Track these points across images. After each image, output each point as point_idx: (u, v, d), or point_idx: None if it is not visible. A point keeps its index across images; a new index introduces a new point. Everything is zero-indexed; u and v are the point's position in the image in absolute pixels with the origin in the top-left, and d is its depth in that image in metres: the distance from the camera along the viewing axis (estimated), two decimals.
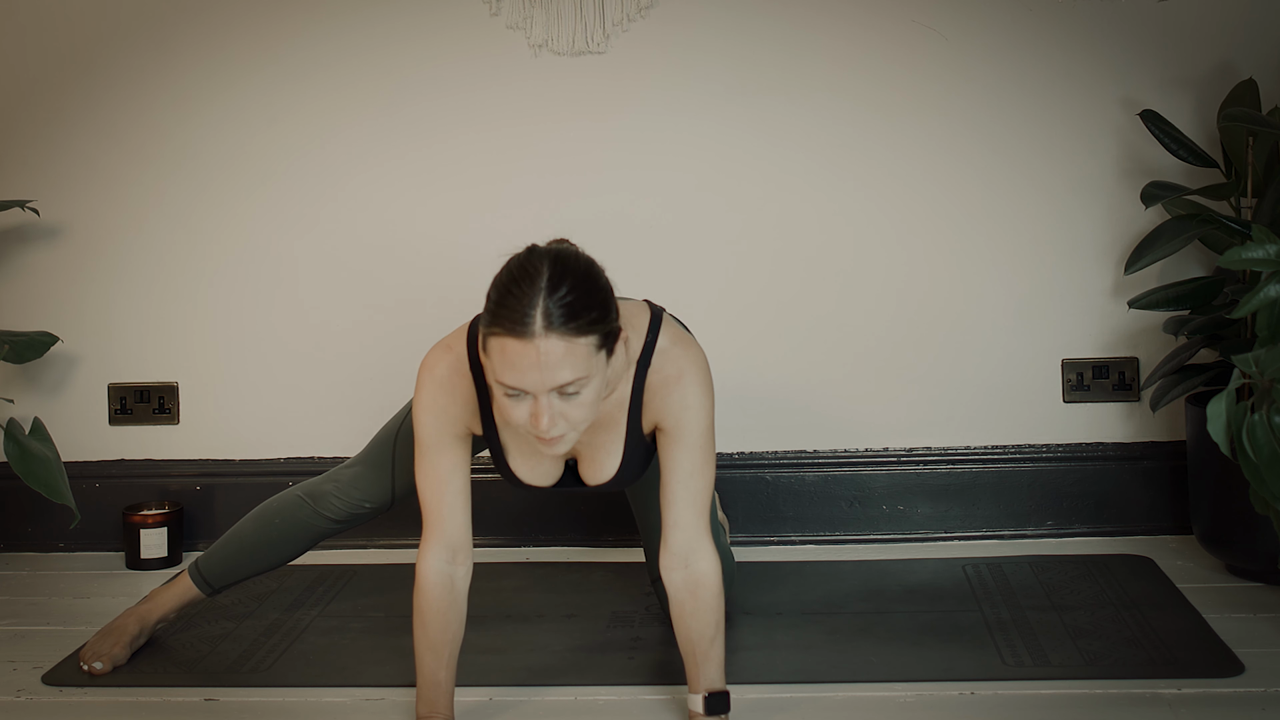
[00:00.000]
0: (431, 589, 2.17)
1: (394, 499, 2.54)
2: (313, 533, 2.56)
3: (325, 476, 2.58)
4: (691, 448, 2.16)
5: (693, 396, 2.16)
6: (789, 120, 3.14)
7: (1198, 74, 3.08)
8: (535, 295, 1.93)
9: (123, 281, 3.26)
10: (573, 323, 1.94)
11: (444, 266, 3.20)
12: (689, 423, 2.16)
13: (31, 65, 3.25)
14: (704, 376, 2.18)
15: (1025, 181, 3.12)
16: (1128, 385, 3.13)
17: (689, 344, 2.20)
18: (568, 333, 1.94)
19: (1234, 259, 2.23)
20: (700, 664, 2.16)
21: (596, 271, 2.02)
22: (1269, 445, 2.09)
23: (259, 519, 2.58)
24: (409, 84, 3.18)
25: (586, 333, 1.96)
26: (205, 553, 2.61)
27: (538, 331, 1.93)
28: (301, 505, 2.55)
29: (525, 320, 1.93)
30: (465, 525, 2.20)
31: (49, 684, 2.45)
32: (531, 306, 1.93)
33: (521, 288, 1.94)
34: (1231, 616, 2.60)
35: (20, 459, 2.77)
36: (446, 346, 2.20)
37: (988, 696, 2.29)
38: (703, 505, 2.17)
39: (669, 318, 2.24)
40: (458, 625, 2.20)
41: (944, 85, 3.12)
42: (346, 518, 2.55)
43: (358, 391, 3.23)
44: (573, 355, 1.95)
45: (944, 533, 3.15)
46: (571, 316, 1.94)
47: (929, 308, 3.15)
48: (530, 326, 1.93)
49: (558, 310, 1.93)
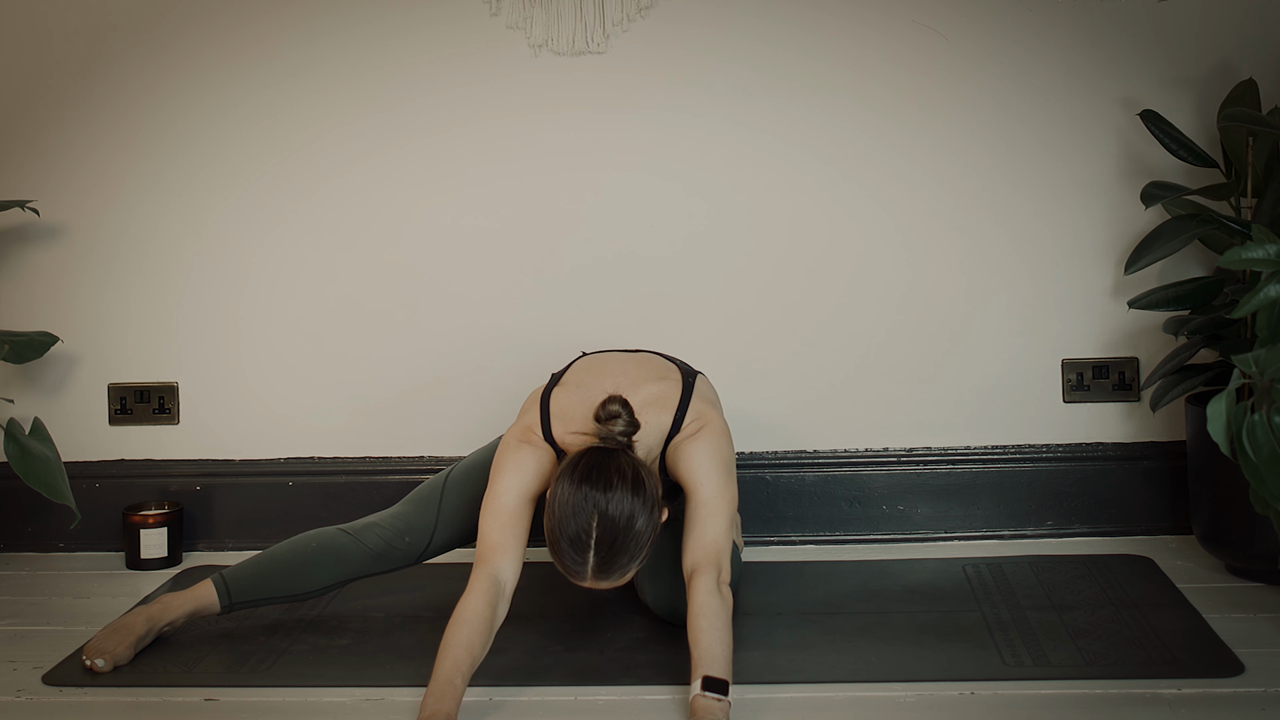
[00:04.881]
0: (473, 606, 2.30)
1: (432, 541, 2.64)
2: (346, 563, 2.61)
3: (370, 515, 2.70)
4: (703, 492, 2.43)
5: (702, 456, 2.45)
6: (790, 120, 3.14)
7: (1198, 74, 3.08)
8: (586, 558, 2.27)
9: (123, 282, 3.26)
10: (619, 575, 2.30)
11: (442, 266, 3.20)
12: (699, 475, 2.44)
13: (31, 66, 3.25)
14: (716, 439, 2.47)
15: (1026, 181, 3.12)
16: (1128, 385, 3.13)
17: (709, 416, 2.50)
18: (614, 578, 2.30)
19: (1234, 259, 2.23)
20: (703, 657, 2.21)
21: (642, 508, 2.29)
22: (1269, 445, 2.09)
23: (296, 541, 2.65)
24: (408, 83, 3.18)
25: (630, 568, 2.31)
26: (234, 565, 2.65)
27: (589, 578, 2.29)
28: (340, 534, 2.64)
29: (579, 574, 2.29)
30: (515, 569, 2.40)
31: (49, 684, 2.45)
32: (583, 564, 2.28)
33: (572, 554, 2.27)
34: (1231, 616, 2.60)
35: (20, 459, 2.77)
36: (527, 429, 2.49)
37: (988, 696, 2.29)
38: (711, 539, 2.38)
39: (699, 391, 2.55)
40: (484, 645, 2.30)
41: (944, 85, 3.12)
42: (383, 549, 2.61)
43: (357, 391, 3.23)
44: (620, 581, 2.32)
45: (944, 533, 3.15)
46: (619, 570, 2.29)
47: (930, 308, 3.15)
48: (582, 578, 2.30)
49: (606, 569, 2.28)
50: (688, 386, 2.54)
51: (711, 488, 2.43)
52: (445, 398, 3.20)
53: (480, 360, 3.19)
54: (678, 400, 2.51)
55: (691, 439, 2.47)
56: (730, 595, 2.34)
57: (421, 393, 3.21)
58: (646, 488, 2.30)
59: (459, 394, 3.20)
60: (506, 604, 2.36)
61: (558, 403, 2.51)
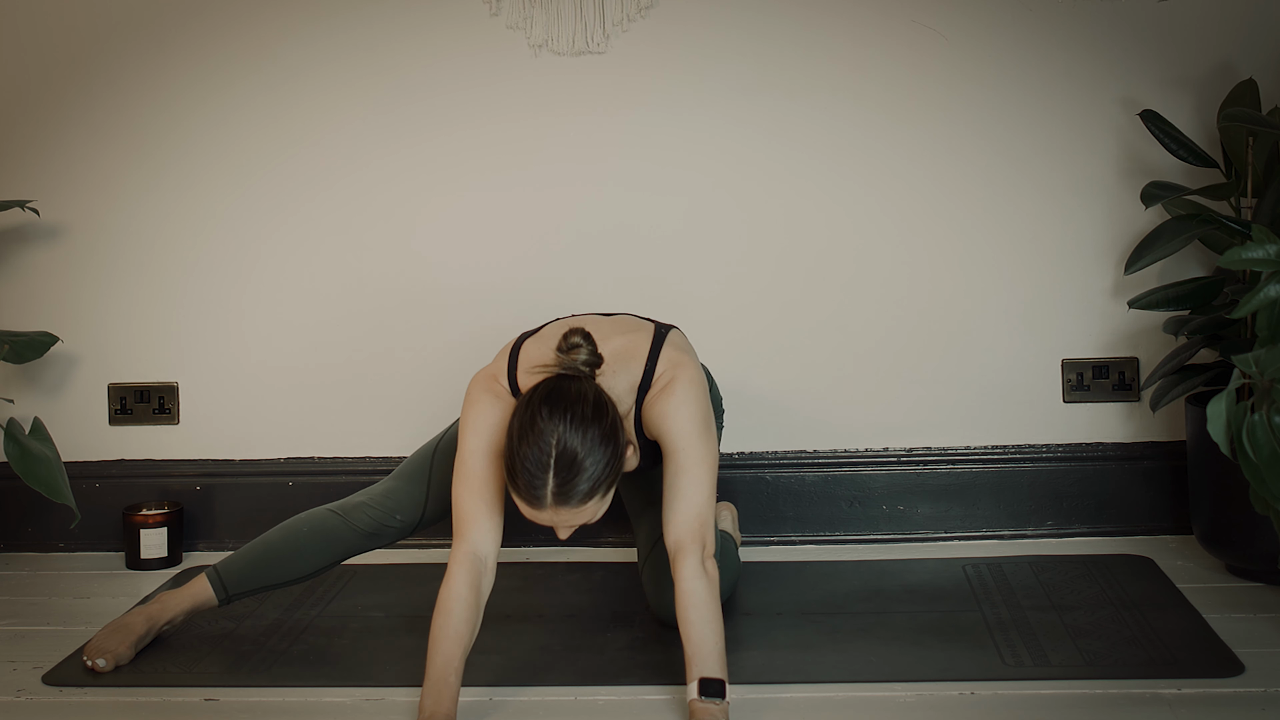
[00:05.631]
0: (455, 592, 2.25)
1: (424, 515, 2.59)
2: (338, 545, 2.58)
3: (359, 493, 2.64)
4: (681, 454, 2.31)
5: (674, 407, 2.32)
6: (790, 120, 3.14)
7: (1198, 74, 3.08)
8: (545, 477, 2.15)
9: (123, 281, 3.26)
10: (580, 500, 2.17)
11: (443, 266, 3.20)
12: (676, 432, 2.32)
13: (31, 66, 3.25)
14: (690, 390, 2.34)
15: (1026, 181, 3.12)
16: (1128, 385, 3.13)
17: (683, 365, 2.36)
18: (576, 503, 2.17)
19: (1234, 259, 2.23)
20: (695, 654, 2.19)
21: (602, 432, 2.17)
22: (1269, 445, 2.09)
23: (287, 527, 2.61)
24: (408, 83, 3.18)
25: (593, 496, 2.18)
26: (227, 558, 2.63)
27: (549, 505, 2.17)
28: (330, 516, 2.60)
29: (537, 498, 2.17)
30: (496, 537, 2.32)
31: (49, 684, 2.45)
32: (541, 486, 2.15)
33: (530, 471, 2.15)
34: (1231, 616, 2.60)
35: (20, 459, 2.78)
36: (491, 377, 2.38)
37: (988, 696, 2.29)
38: (693, 511, 2.28)
39: (671, 340, 2.38)
40: (473, 632, 2.25)
41: (945, 85, 3.12)
42: (375, 529, 2.58)
43: (358, 391, 3.23)
44: (583, 512, 2.19)
45: (944, 533, 3.15)
46: (580, 497, 2.17)
47: (929, 308, 3.15)
48: (542, 503, 2.17)
49: (566, 492, 2.16)
50: (659, 337, 2.41)
51: (690, 450, 2.30)
52: (445, 398, 3.20)
53: (482, 360, 3.19)
54: (647, 350, 2.38)
55: (664, 392, 2.34)
56: (715, 570, 2.26)
57: (422, 393, 3.21)
58: (609, 413, 2.21)
59: (459, 394, 3.20)
60: (491, 575, 2.30)
61: (526, 352, 2.42)
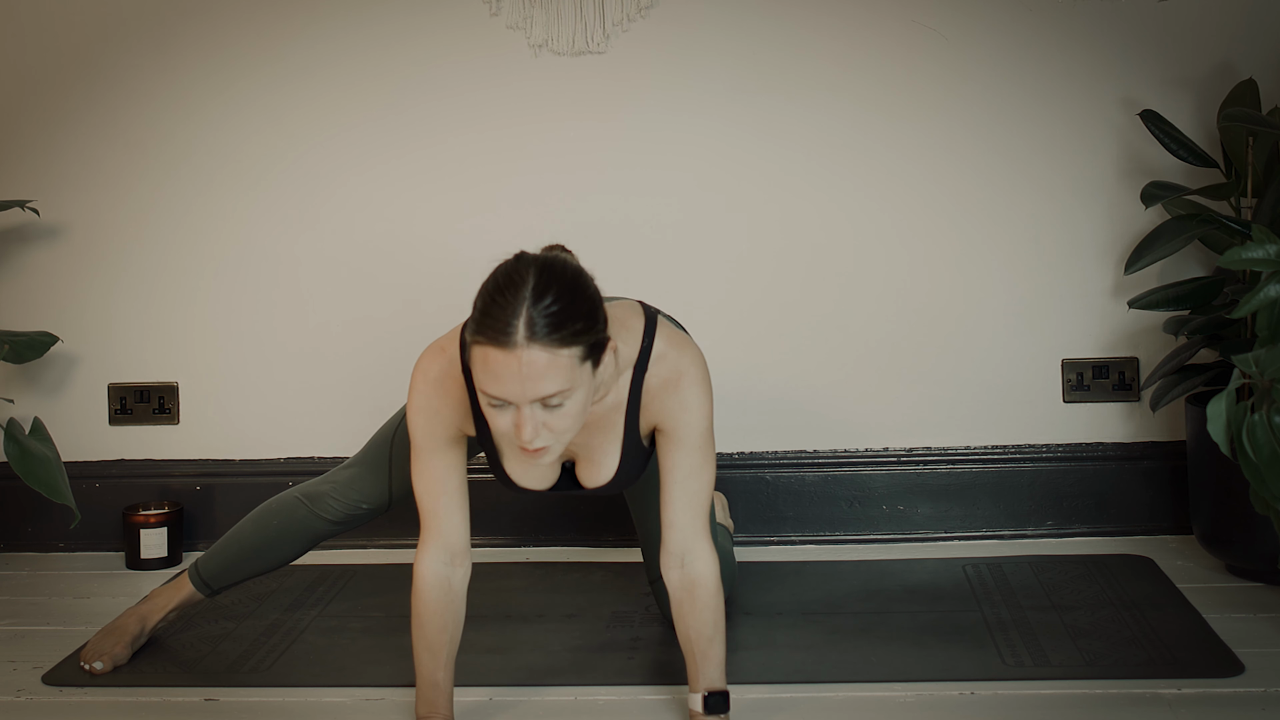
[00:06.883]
0: (429, 591, 2.18)
1: (391, 500, 2.53)
2: (310, 534, 2.55)
3: (323, 478, 2.58)
4: (690, 449, 2.16)
5: (692, 398, 2.15)
6: (790, 120, 3.14)
7: (1198, 74, 3.08)
8: (519, 304, 1.90)
9: (123, 281, 3.26)
10: (556, 334, 1.91)
11: (443, 267, 3.20)
12: (688, 424, 2.15)
13: (32, 65, 3.25)
14: (703, 378, 2.17)
15: (1025, 181, 3.12)
16: (1128, 385, 3.13)
17: (686, 346, 2.18)
18: (551, 344, 1.91)
19: (1234, 259, 2.23)
20: (699, 663, 2.16)
21: (584, 281, 1.99)
22: (1269, 445, 2.10)
23: (257, 520, 2.58)
24: (409, 84, 3.18)
25: (571, 344, 1.92)
26: (204, 554, 2.61)
27: (520, 342, 1.90)
28: (299, 506, 2.55)
29: (508, 330, 1.90)
30: (463, 527, 2.20)
31: (49, 684, 2.45)
32: (515, 316, 1.90)
33: (505, 296, 1.91)
34: (1231, 616, 2.60)
35: (20, 459, 2.78)
36: (440, 348, 2.18)
37: (988, 696, 2.29)
38: (700, 506, 2.18)
39: (664, 319, 2.24)
40: (455, 626, 2.20)
41: (944, 85, 3.12)
42: (344, 519, 2.54)
43: (357, 391, 3.23)
44: (556, 367, 1.91)
45: (944, 533, 3.15)
46: (555, 327, 1.91)
47: (929, 308, 3.15)
48: (513, 336, 1.90)
49: (541, 320, 1.90)
50: (650, 316, 2.21)
51: (701, 449, 2.16)
52: None
53: None
54: (642, 326, 2.18)
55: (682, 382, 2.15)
56: (716, 558, 2.17)
57: None
58: (593, 287, 2.01)
59: None
60: (466, 566, 2.20)
61: None
